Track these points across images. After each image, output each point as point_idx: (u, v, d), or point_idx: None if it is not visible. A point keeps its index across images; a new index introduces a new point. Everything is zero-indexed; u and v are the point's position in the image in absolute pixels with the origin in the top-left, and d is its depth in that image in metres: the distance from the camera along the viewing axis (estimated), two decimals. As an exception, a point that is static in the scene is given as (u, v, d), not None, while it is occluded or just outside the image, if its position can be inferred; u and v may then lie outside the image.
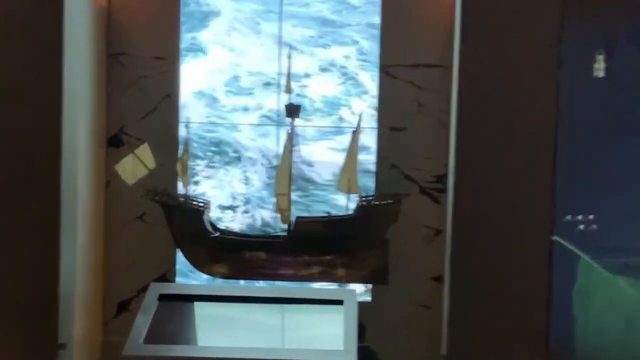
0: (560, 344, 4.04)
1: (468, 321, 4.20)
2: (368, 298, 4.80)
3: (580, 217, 3.99)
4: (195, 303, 4.35)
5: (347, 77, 4.86)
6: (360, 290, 4.73)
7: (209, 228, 4.65)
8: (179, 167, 4.69)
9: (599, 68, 3.91)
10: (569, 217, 4.00)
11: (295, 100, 4.64)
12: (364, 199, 4.62)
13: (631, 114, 3.92)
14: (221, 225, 4.75)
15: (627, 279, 3.95)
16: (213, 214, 4.74)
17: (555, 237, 3.99)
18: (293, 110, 4.64)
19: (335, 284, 4.74)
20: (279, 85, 4.75)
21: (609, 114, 3.94)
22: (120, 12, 4.76)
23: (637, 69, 3.89)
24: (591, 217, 3.99)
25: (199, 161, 4.88)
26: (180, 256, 4.76)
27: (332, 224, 4.66)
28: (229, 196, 4.89)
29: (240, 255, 4.65)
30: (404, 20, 4.65)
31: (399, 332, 4.78)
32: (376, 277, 4.69)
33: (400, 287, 4.75)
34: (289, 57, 4.64)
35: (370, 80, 4.80)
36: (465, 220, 4.20)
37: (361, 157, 4.68)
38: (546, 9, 4.00)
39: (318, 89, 4.85)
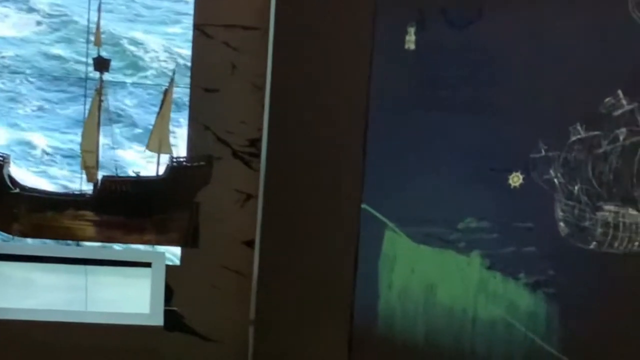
0: (364, 311, 4.12)
1: (276, 287, 4.22)
2: (177, 261, 4.73)
3: (388, 187, 4.06)
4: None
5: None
6: (169, 253, 4.65)
7: (8, 183, 4.44)
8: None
9: (410, 40, 3.97)
10: (378, 186, 4.06)
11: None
12: (174, 160, 4.53)
13: (440, 87, 4.00)
14: (21, 181, 4.55)
15: (429, 248, 4.06)
16: (12, 168, 4.51)
17: (364, 206, 4.04)
18: (102, 64, 4.47)
19: (143, 246, 4.64)
20: (88, 37, 4.57)
21: (419, 87, 4.01)
22: None
23: (447, 43, 3.97)
24: (400, 186, 4.07)
25: None
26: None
27: (141, 184, 4.55)
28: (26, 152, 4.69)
29: (41, 214, 4.47)
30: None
31: (208, 296, 4.74)
32: (186, 240, 4.62)
33: (210, 251, 4.69)
34: (99, 8, 4.46)
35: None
36: (277, 186, 4.20)
37: (174, 116, 4.58)
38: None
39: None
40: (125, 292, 4.11)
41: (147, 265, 4.20)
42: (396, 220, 4.07)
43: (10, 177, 4.45)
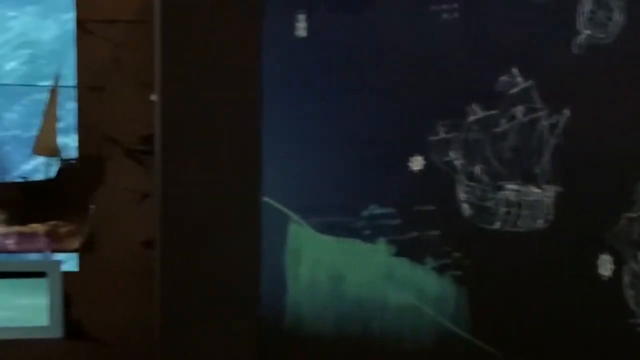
0: (272, 305, 4.06)
1: (180, 287, 4.12)
2: (74, 267, 4.57)
3: (288, 178, 4.00)
4: None
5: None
6: (65, 260, 4.50)
7: None
8: None
9: (301, 27, 3.91)
10: (277, 178, 3.99)
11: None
12: (63, 161, 4.39)
13: (333, 74, 3.95)
14: None
15: (334, 238, 4.02)
16: None
17: (265, 198, 3.97)
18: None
19: (36, 254, 4.47)
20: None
21: (312, 74, 3.95)
22: None
23: (336, 30, 3.92)
24: (299, 177, 4.01)
25: None
26: None
27: (30, 188, 4.39)
28: None
29: None
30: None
31: (107, 300, 4.60)
32: (82, 246, 4.48)
33: (107, 254, 4.56)
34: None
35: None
36: (173, 183, 4.08)
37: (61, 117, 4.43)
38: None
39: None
40: (20, 304, 3.94)
41: (42, 275, 4.02)
42: (299, 212, 4.01)
43: None
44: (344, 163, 3.99)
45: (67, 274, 4.22)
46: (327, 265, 4.05)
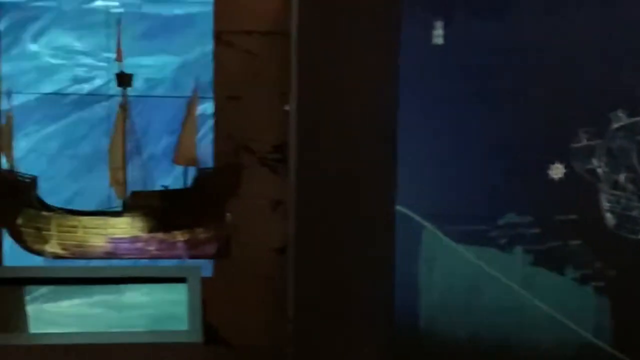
0: (405, 313, 4.04)
1: (313, 293, 4.16)
2: (209, 273, 4.67)
3: (423, 186, 3.98)
4: (27, 286, 4.09)
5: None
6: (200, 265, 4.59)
7: (38, 205, 4.40)
8: (2, 141, 4.39)
9: (438, 35, 3.90)
10: (412, 186, 3.98)
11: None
12: (201, 171, 4.49)
13: (470, 81, 3.92)
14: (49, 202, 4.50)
15: (467, 246, 3.99)
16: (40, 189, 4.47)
17: (398, 207, 3.97)
18: (125, 79, 4.44)
19: (175, 259, 4.59)
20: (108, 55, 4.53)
21: (448, 81, 3.93)
22: None
23: (475, 37, 3.90)
24: (435, 185, 3.99)
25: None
26: (6, 236, 4.47)
27: (169, 197, 4.51)
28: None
29: (73, 234, 4.42)
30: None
31: (241, 305, 4.69)
32: (218, 252, 4.58)
33: (242, 261, 4.65)
34: (118, 24, 4.42)
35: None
36: (308, 191, 4.13)
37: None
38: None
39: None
40: (161, 308, 4.04)
41: (182, 280, 4.11)
42: (433, 220, 3.98)
43: (38, 198, 4.41)
44: (480, 171, 3.94)
45: (202, 280, 4.30)
46: (461, 274, 4.01)
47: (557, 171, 3.92)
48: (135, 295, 4.14)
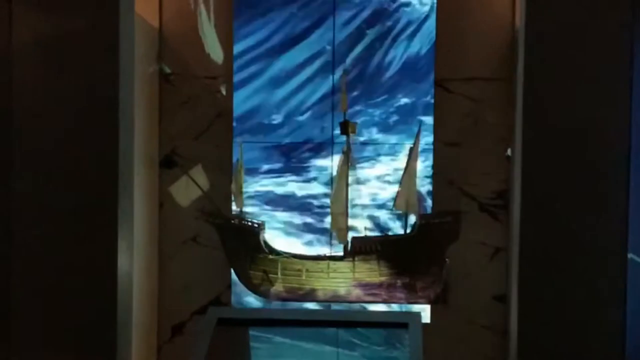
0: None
1: (538, 343, 4.05)
2: (426, 319, 4.67)
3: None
4: (254, 327, 4.22)
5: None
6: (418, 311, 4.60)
7: (265, 249, 4.55)
8: (233, 187, 4.59)
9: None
10: None
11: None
12: (423, 217, 4.50)
13: None
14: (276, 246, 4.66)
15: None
16: (267, 234, 4.63)
17: (630, 255, 3.85)
18: (348, 128, 4.54)
19: (393, 304, 4.62)
20: (332, 103, 4.64)
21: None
22: (171, 32, 4.67)
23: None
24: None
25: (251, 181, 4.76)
26: (235, 278, 4.67)
27: (391, 243, 4.55)
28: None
29: (297, 277, 4.54)
30: (459, 33, 4.55)
31: (458, 353, 4.66)
32: (436, 297, 4.57)
33: (459, 307, 4.63)
34: (344, 74, 4.53)
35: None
36: (531, 238, 4.05)
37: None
38: (612, 12, 3.87)
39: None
40: (381, 353, 4.07)
41: (403, 325, 4.12)
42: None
43: (265, 242, 4.57)
44: None
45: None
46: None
47: None
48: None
